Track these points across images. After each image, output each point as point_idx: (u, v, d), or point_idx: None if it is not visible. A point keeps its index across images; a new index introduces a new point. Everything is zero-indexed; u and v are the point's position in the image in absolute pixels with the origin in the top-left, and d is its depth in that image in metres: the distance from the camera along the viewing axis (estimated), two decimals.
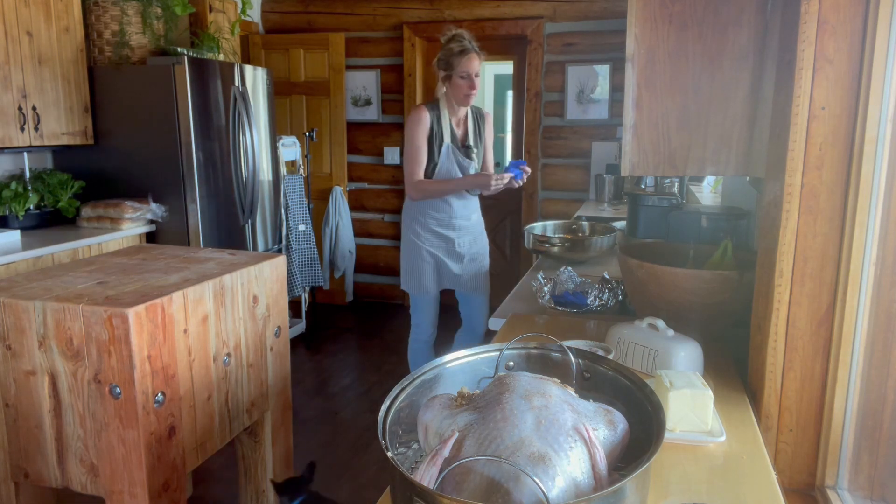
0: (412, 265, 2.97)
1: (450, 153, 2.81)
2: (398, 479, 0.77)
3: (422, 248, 2.94)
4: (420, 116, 2.77)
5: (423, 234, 2.93)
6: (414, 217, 2.95)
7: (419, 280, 2.96)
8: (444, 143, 2.78)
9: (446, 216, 2.91)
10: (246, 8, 4.34)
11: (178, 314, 1.71)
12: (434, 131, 2.77)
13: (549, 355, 1.14)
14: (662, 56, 1.39)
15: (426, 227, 2.93)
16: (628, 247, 1.90)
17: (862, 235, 1.09)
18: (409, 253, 2.97)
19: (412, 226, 2.95)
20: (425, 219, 2.92)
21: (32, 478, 1.72)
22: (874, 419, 1.13)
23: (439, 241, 2.94)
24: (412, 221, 2.95)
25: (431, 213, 2.91)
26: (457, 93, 2.74)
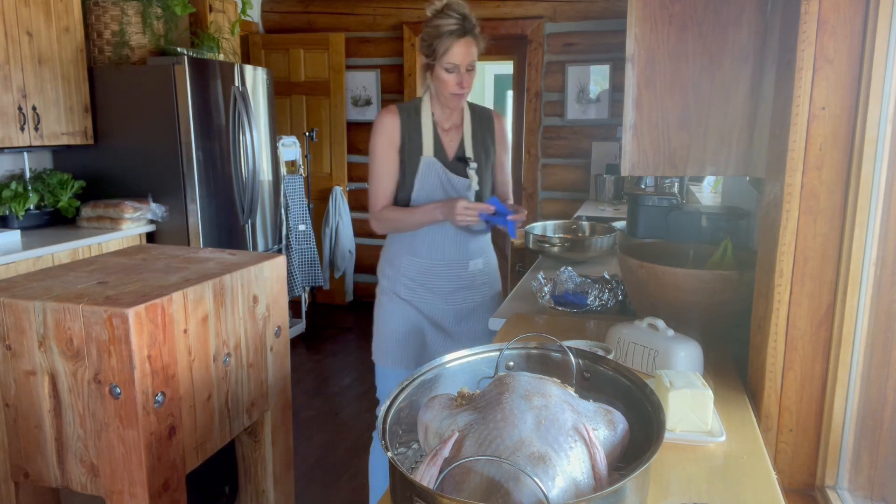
0: (380, 326, 2.20)
1: (431, 170, 2.03)
2: (398, 479, 0.77)
3: (393, 304, 2.15)
4: (382, 123, 2.03)
5: (398, 283, 2.14)
6: (388, 257, 2.19)
7: (387, 350, 2.18)
8: (423, 157, 2.03)
9: (428, 262, 2.11)
10: (246, 8, 4.35)
11: (178, 314, 1.71)
12: (406, 141, 2.03)
13: (549, 355, 1.14)
14: (662, 56, 1.39)
15: (401, 273, 2.14)
16: (628, 247, 1.90)
17: (862, 235, 1.09)
18: (379, 307, 2.21)
19: (384, 268, 2.20)
20: (400, 261, 2.14)
21: (32, 478, 1.72)
22: (874, 419, 1.13)
23: (420, 297, 2.14)
24: (385, 263, 2.21)
25: (407, 257, 2.13)
26: (441, 90, 1.98)
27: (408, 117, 2.04)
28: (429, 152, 2.04)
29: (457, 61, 1.92)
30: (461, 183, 2.06)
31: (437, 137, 2.07)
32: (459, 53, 1.91)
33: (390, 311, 2.16)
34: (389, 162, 2.04)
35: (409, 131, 2.04)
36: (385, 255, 2.21)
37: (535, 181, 4.95)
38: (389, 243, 2.20)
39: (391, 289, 2.16)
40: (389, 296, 2.17)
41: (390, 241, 2.19)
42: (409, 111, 2.06)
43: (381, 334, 2.19)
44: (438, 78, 1.96)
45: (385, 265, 2.20)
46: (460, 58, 1.91)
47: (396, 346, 2.15)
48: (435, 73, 1.97)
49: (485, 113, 2.18)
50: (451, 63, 1.92)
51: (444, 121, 2.09)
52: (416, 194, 2.04)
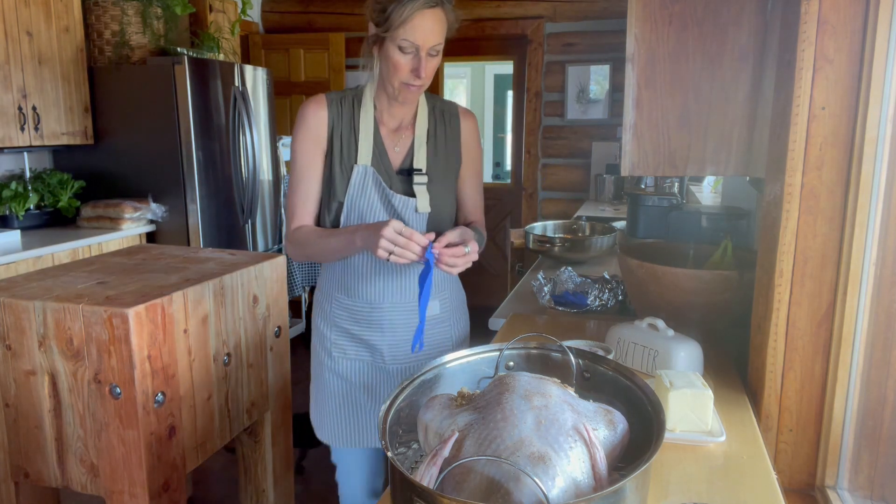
0: (315, 394, 1.72)
1: (367, 184, 1.51)
2: (398, 479, 0.77)
3: (323, 371, 1.66)
4: (303, 116, 1.53)
5: (325, 339, 1.65)
6: (316, 299, 1.70)
7: (328, 426, 1.68)
8: (357, 166, 1.51)
9: (364, 304, 1.59)
10: (246, 8, 4.35)
11: (178, 314, 1.71)
12: (336, 143, 1.52)
13: (549, 355, 1.14)
14: (662, 56, 1.39)
15: (329, 323, 1.64)
16: (628, 247, 1.90)
17: (862, 235, 1.09)
18: (312, 369, 1.73)
19: (314, 315, 1.71)
20: (328, 305, 1.64)
21: (32, 478, 1.72)
22: (874, 419, 1.13)
23: (353, 358, 1.62)
24: (314, 307, 1.71)
25: (336, 297, 1.62)
26: (390, 75, 1.44)
27: (340, 111, 1.53)
28: (365, 159, 1.51)
29: (417, 39, 1.37)
30: (404, 203, 1.52)
31: (378, 140, 1.54)
32: (423, 29, 1.36)
33: (323, 380, 1.66)
34: (310, 168, 1.52)
35: (340, 130, 1.52)
36: (315, 297, 1.71)
37: (535, 181, 4.95)
38: (319, 278, 1.71)
39: (320, 346, 1.67)
40: (319, 358, 1.68)
41: (320, 275, 1.71)
42: (344, 103, 1.54)
43: (317, 405, 1.71)
44: (388, 58, 1.41)
45: (315, 310, 1.70)
46: (423, 35, 1.36)
47: (338, 423, 1.66)
48: (384, 51, 1.42)
49: (448, 109, 1.61)
50: (408, 40, 1.37)
51: (390, 118, 1.55)
52: (346, 216, 1.52)
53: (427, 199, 1.54)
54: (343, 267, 1.59)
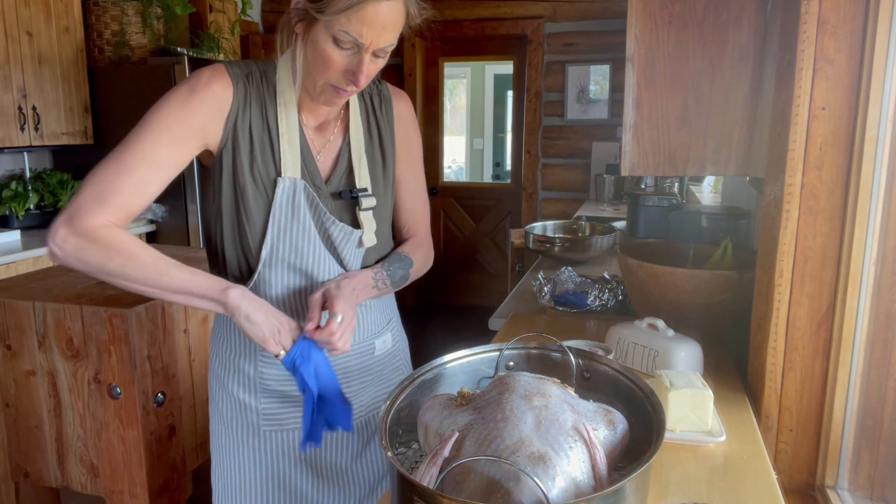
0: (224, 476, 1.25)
1: (301, 203, 1.13)
2: (398, 479, 0.77)
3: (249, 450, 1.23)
4: (197, 90, 1.08)
5: (255, 409, 1.21)
6: (225, 365, 1.23)
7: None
8: (282, 179, 1.12)
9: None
10: (246, 8, 4.35)
11: (178, 314, 1.71)
12: (242, 140, 1.11)
13: (549, 355, 1.14)
14: (662, 56, 1.39)
15: (258, 388, 1.21)
16: (628, 247, 1.90)
17: (862, 235, 1.09)
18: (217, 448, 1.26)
19: (225, 390, 1.23)
20: (253, 364, 1.20)
21: (32, 478, 1.72)
22: (874, 419, 1.13)
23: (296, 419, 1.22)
24: (225, 376, 1.23)
25: (263, 352, 1.19)
26: (316, 71, 1.06)
27: (247, 96, 1.11)
28: (292, 170, 1.12)
29: (362, 35, 1.00)
30: (345, 236, 1.17)
31: (304, 143, 1.15)
32: (373, 24, 1.00)
33: (245, 473, 1.23)
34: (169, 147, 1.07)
35: (248, 123, 1.11)
36: (218, 363, 1.24)
37: (535, 181, 4.95)
38: (220, 337, 1.24)
39: (239, 426, 1.22)
40: (237, 444, 1.22)
41: (221, 334, 1.23)
42: (252, 85, 1.12)
43: (227, 490, 1.25)
44: (317, 48, 1.03)
45: (222, 382, 1.23)
46: (370, 32, 1.00)
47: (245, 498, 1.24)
48: (312, 36, 1.03)
49: (379, 93, 1.25)
50: (348, 34, 1.00)
51: (310, 115, 1.17)
52: (272, 248, 1.13)
53: (374, 228, 1.20)
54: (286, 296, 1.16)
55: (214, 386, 1.26)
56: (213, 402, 1.26)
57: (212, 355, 1.26)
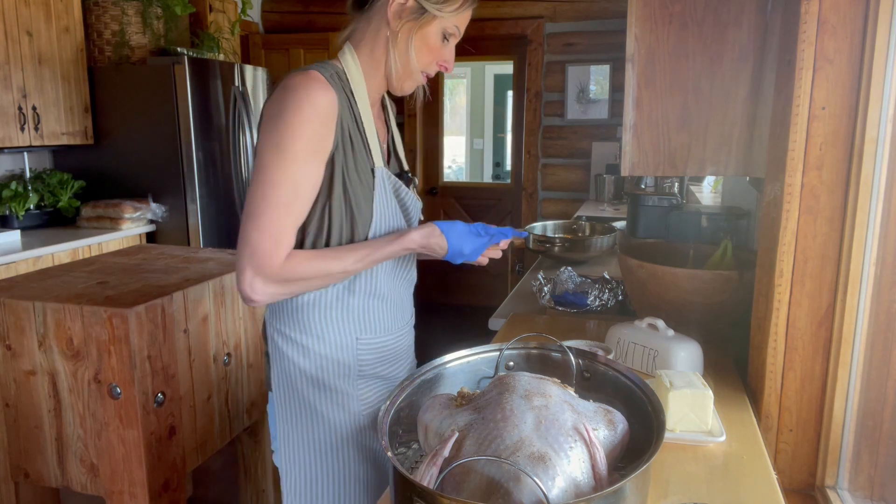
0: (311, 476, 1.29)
1: (388, 188, 1.26)
2: (398, 479, 0.77)
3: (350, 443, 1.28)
4: (316, 105, 1.12)
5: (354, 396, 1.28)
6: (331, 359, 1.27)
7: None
8: (376, 169, 1.23)
9: (391, 335, 1.32)
10: (246, 8, 4.35)
11: (178, 314, 1.71)
12: (346, 140, 1.19)
13: (549, 355, 1.14)
14: (662, 56, 1.39)
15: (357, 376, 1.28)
16: (628, 247, 1.90)
17: (862, 235, 1.09)
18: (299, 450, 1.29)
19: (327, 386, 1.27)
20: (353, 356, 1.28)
21: (32, 478, 1.72)
22: (874, 419, 1.13)
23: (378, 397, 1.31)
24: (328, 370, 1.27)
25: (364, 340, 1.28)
26: (411, 60, 1.21)
27: (341, 98, 1.18)
28: (379, 161, 1.24)
29: (462, 29, 1.24)
30: (416, 208, 1.33)
31: (377, 136, 1.26)
32: (467, 21, 1.25)
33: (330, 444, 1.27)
34: (312, 174, 1.14)
35: (347, 123, 1.19)
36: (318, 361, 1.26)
37: (535, 181, 4.95)
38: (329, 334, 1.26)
39: (342, 417, 1.27)
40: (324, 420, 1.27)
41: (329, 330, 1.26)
42: (340, 86, 1.19)
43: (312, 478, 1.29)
44: (425, 41, 1.20)
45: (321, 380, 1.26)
46: (465, 25, 1.25)
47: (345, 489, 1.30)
48: (424, 31, 1.19)
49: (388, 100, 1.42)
50: (457, 27, 1.22)
51: (372, 107, 1.28)
52: (374, 232, 1.23)
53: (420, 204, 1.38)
54: (365, 300, 1.27)
55: (296, 380, 1.27)
56: (292, 395, 1.28)
57: (289, 352, 1.27)
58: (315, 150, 1.13)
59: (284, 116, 1.11)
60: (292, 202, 1.13)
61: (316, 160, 1.14)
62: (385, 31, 1.20)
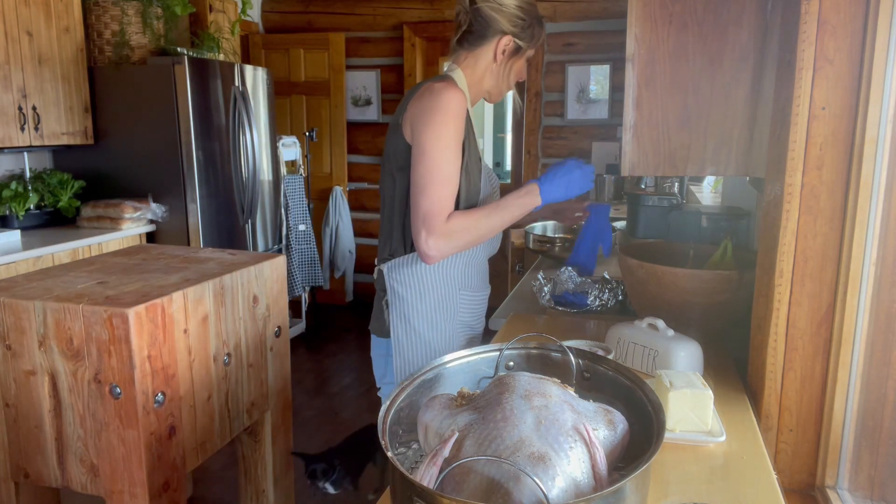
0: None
1: (487, 177, 1.68)
2: (398, 479, 0.77)
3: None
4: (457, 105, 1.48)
5: (453, 337, 1.67)
6: (434, 307, 1.63)
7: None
8: (482, 162, 1.66)
9: (482, 293, 1.75)
10: (246, 8, 4.34)
11: (178, 314, 1.71)
12: (469, 138, 1.57)
13: (549, 355, 1.14)
14: (662, 56, 1.39)
15: (457, 321, 1.67)
16: (628, 247, 1.90)
17: (862, 235, 1.09)
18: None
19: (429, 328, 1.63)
20: (455, 306, 1.66)
21: (32, 478, 1.72)
22: (874, 419, 1.13)
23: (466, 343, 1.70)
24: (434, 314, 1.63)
25: (463, 294, 1.67)
26: (511, 81, 1.65)
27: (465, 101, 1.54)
28: (480, 153, 1.64)
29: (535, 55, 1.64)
30: (497, 184, 1.75)
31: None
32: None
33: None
34: (459, 156, 1.50)
35: (469, 125, 1.58)
36: (426, 306, 1.61)
37: None
38: (435, 285, 1.62)
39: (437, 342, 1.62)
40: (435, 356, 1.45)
41: (435, 281, 1.62)
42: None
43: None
44: (518, 68, 1.63)
45: (431, 319, 1.62)
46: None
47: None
48: (519, 62, 1.62)
49: None
50: (532, 56, 1.67)
51: None
52: (483, 200, 1.62)
53: None
54: (465, 264, 1.65)
55: (417, 322, 1.62)
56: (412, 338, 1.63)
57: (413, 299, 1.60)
58: (459, 139, 1.49)
59: (438, 114, 1.46)
60: (449, 176, 1.47)
61: (459, 146, 1.50)
62: (489, 63, 1.60)
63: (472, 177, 1.57)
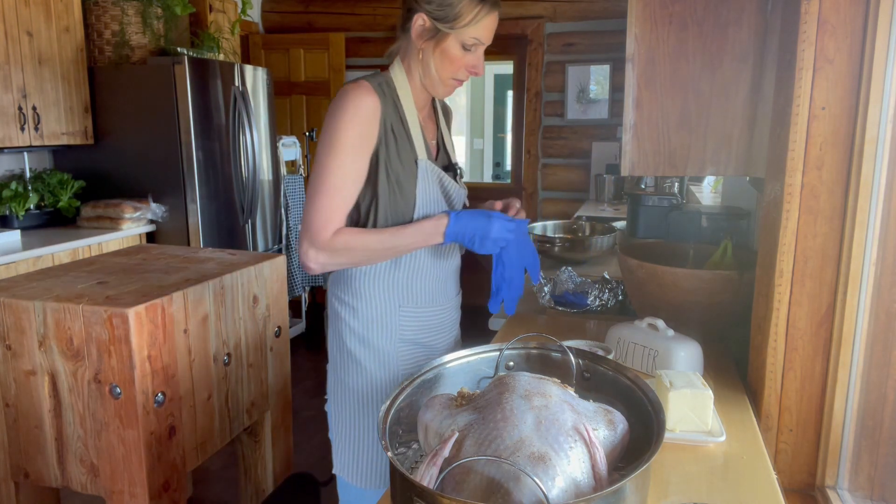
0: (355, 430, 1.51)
1: (432, 179, 1.46)
2: (398, 479, 0.77)
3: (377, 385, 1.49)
4: (357, 105, 1.35)
5: (392, 354, 1.50)
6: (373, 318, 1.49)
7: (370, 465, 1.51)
8: (420, 161, 1.44)
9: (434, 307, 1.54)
10: (246, 8, 4.35)
11: (178, 314, 1.71)
12: (389, 137, 1.40)
13: (549, 355, 1.14)
14: (662, 56, 1.39)
15: (398, 337, 1.50)
16: (628, 247, 1.90)
17: (862, 235, 1.09)
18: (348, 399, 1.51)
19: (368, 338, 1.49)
20: (396, 318, 1.49)
21: (32, 478, 1.72)
22: (874, 419, 1.13)
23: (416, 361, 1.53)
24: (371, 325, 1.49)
25: (406, 308, 1.50)
26: (443, 70, 1.40)
27: (385, 100, 1.40)
28: (422, 154, 1.44)
29: (483, 38, 1.38)
30: (459, 197, 1.53)
31: (423, 134, 1.47)
32: (489, 29, 1.38)
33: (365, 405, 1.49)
34: (357, 169, 1.37)
35: (390, 122, 1.40)
36: (363, 318, 1.48)
37: (535, 181, 4.95)
38: (369, 295, 1.48)
39: (378, 367, 1.49)
40: (370, 378, 1.48)
41: (370, 290, 1.48)
42: (385, 91, 1.41)
43: (358, 437, 1.50)
44: (446, 53, 1.38)
45: (364, 332, 1.49)
46: (488, 35, 1.39)
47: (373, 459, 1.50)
48: (442, 46, 1.37)
49: (444, 105, 1.66)
50: (477, 39, 1.37)
51: (419, 110, 1.49)
52: (420, 214, 1.43)
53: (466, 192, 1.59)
54: (408, 275, 1.48)
55: (347, 340, 1.50)
56: (344, 356, 1.51)
57: (344, 315, 1.50)
58: (360, 145, 1.36)
59: (335, 117, 1.35)
60: (340, 187, 1.35)
61: (360, 153, 1.37)
62: (416, 49, 1.41)
63: (403, 186, 1.41)
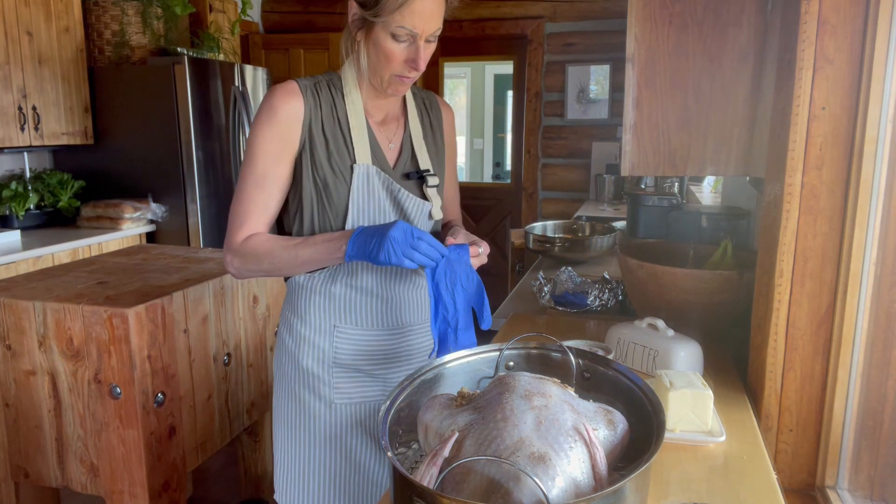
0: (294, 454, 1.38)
1: (375, 184, 1.30)
2: (398, 479, 0.77)
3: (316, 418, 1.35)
4: (273, 107, 1.25)
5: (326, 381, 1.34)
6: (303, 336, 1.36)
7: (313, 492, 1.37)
8: (357, 165, 1.28)
9: (381, 331, 1.36)
10: (246, 8, 4.35)
11: (178, 314, 1.71)
12: (317, 139, 1.27)
13: (549, 355, 1.14)
14: (662, 56, 1.39)
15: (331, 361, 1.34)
16: (628, 247, 1.90)
17: (862, 235, 1.09)
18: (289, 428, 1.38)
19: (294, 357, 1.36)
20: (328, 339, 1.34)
21: (32, 478, 1.72)
22: (874, 419, 1.13)
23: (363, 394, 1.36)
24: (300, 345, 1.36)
25: (342, 328, 1.34)
26: (379, 66, 1.24)
27: (317, 101, 1.28)
28: (364, 157, 1.29)
29: (415, 26, 1.18)
30: (418, 207, 1.34)
31: (371, 135, 1.32)
32: (422, 14, 1.18)
33: (305, 429, 1.35)
34: (274, 171, 1.26)
35: (320, 124, 1.28)
36: (293, 333, 1.36)
37: (535, 181, 4.95)
38: (300, 308, 1.35)
39: (309, 395, 1.34)
40: (303, 406, 1.35)
41: (301, 305, 1.35)
42: (321, 92, 1.29)
43: (297, 466, 1.37)
44: (378, 47, 1.21)
45: (292, 351, 1.36)
46: (422, 21, 1.18)
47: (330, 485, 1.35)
48: (373, 38, 1.21)
49: (430, 99, 1.46)
50: (404, 28, 1.18)
51: (376, 110, 1.34)
52: (352, 225, 1.29)
53: (440, 203, 1.38)
54: (347, 290, 1.32)
55: (284, 360, 1.38)
56: (281, 377, 1.39)
57: (282, 331, 1.40)
58: (275, 150, 1.26)
59: (254, 121, 1.28)
60: (255, 193, 1.27)
61: (277, 158, 1.27)
62: (354, 41, 1.28)
63: (332, 193, 1.27)
